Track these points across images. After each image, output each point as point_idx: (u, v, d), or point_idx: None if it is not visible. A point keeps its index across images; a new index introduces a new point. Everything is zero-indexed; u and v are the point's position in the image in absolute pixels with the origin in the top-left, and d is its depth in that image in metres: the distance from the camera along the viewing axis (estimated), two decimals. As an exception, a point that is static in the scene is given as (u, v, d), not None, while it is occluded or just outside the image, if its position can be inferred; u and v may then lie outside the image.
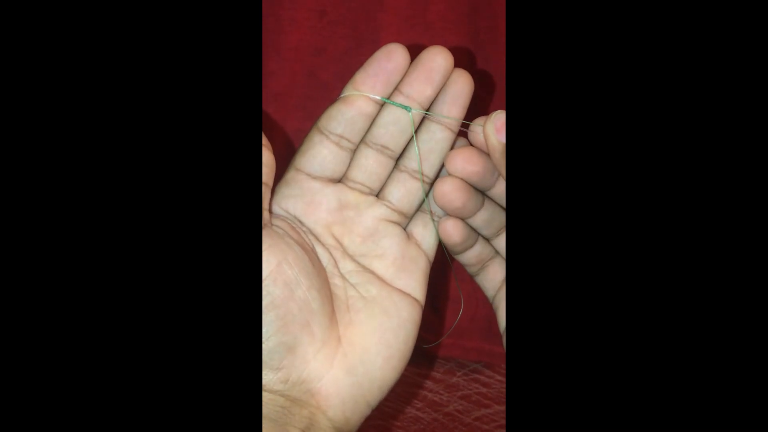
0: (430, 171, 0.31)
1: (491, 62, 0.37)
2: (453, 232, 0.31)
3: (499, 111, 0.29)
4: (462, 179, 0.30)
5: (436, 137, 0.31)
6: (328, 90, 0.37)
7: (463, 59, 0.37)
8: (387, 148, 0.31)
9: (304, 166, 0.30)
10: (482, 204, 0.32)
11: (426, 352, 0.40)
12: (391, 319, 0.30)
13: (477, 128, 0.30)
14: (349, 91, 0.30)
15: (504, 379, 0.40)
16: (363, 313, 0.30)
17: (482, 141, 0.30)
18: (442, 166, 0.32)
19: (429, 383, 0.41)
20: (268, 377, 0.27)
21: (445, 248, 0.33)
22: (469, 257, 0.33)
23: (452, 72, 0.30)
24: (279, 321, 0.27)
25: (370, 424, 0.41)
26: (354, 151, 0.31)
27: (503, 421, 0.41)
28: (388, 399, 0.40)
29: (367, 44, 0.37)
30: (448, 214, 0.32)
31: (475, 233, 0.32)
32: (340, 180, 0.31)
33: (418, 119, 0.31)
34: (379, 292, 0.30)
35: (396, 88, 0.30)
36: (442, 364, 0.40)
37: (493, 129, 0.29)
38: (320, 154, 0.30)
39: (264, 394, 0.27)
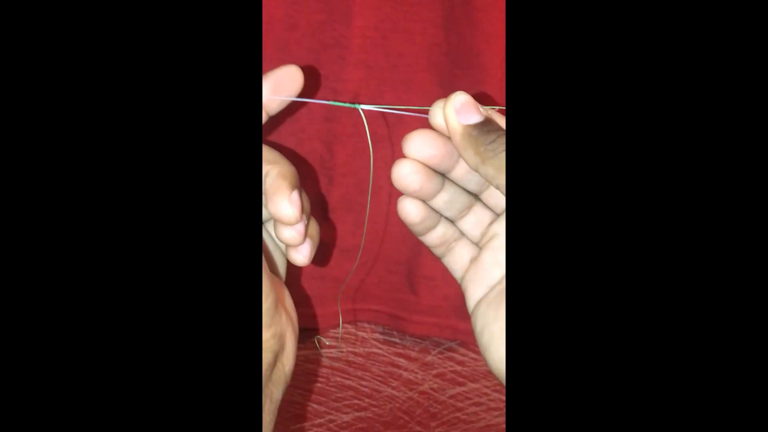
0: None
1: (465, 38, 0.37)
2: (410, 210, 0.31)
3: (458, 93, 0.29)
4: (420, 161, 0.30)
5: None
6: (300, 64, 0.36)
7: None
8: None
9: None
10: (442, 186, 0.32)
11: (400, 330, 0.40)
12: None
13: (437, 110, 0.29)
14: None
15: (478, 357, 0.40)
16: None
17: (442, 124, 0.30)
18: None
19: (404, 362, 0.41)
20: (266, 336, 0.28)
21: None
22: (432, 238, 0.33)
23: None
24: (270, 282, 0.28)
25: (345, 404, 0.41)
26: None
27: (478, 399, 0.41)
28: (363, 378, 0.42)
29: (339, 18, 0.36)
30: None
31: (436, 214, 0.32)
32: None
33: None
34: None
35: None
36: (416, 343, 0.41)
37: (453, 111, 0.28)
38: None
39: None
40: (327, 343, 0.41)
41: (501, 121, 0.29)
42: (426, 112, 0.30)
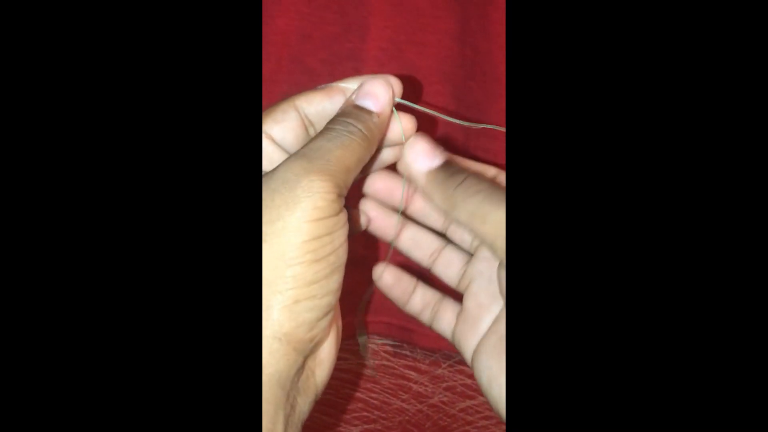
0: None
1: (480, 51, 0.37)
2: (384, 275, 0.32)
3: (416, 137, 0.29)
4: (375, 198, 0.31)
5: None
6: (315, 76, 0.36)
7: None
8: None
9: (273, 132, 0.29)
10: (403, 225, 0.32)
11: (411, 343, 0.40)
12: None
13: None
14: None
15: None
16: None
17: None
18: None
19: (414, 375, 0.40)
20: (305, 335, 0.26)
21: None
22: (415, 304, 0.33)
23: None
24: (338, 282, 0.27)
25: (354, 416, 0.41)
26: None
27: (488, 413, 0.41)
28: (373, 390, 0.41)
29: (354, 30, 0.37)
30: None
31: (410, 278, 0.33)
32: None
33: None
34: None
35: None
36: (427, 356, 0.40)
37: (412, 156, 0.29)
38: (293, 129, 0.29)
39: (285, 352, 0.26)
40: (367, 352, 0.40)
41: (463, 162, 0.29)
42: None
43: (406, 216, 0.33)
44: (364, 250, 0.39)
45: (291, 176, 0.25)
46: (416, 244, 0.33)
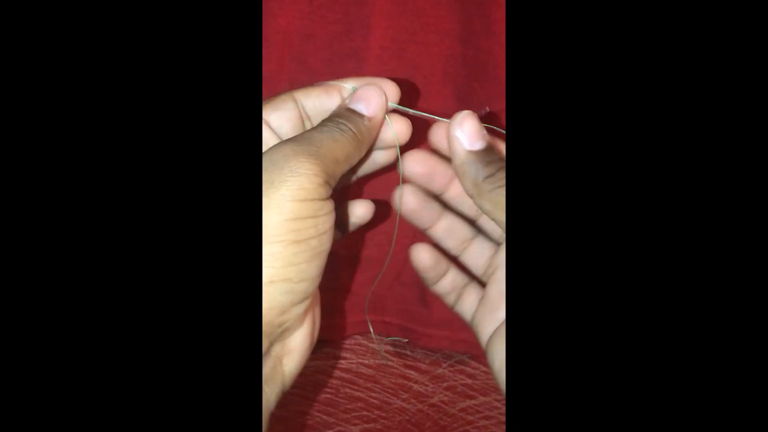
0: None
1: (483, 51, 0.37)
2: (422, 257, 0.32)
3: (466, 113, 0.29)
4: (415, 184, 0.31)
5: None
6: (317, 76, 0.36)
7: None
8: None
9: (271, 118, 0.30)
10: (440, 214, 0.32)
11: (412, 343, 0.40)
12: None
13: (438, 129, 0.30)
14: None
15: (489, 370, 0.39)
16: None
17: (441, 142, 0.30)
18: None
19: (414, 374, 0.40)
20: (267, 318, 0.26)
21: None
22: (443, 286, 0.33)
23: None
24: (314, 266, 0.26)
25: (354, 416, 0.41)
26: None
27: (488, 412, 0.41)
28: (373, 390, 0.41)
29: (356, 30, 0.36)
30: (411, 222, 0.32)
31: (445, 261, 0.33)
32: None
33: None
34: None
35: None
36: (427, 356, 0.40)
37: (459, 133, 0.29)
38: (290, 119, 0.30)
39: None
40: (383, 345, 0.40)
41: (503, 150, 0.29)
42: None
43: (442, 202, 0.33)
44: (367, 251, 0.39)
45: (279, 157, 0.25)
46: (450, 233, 0.33)
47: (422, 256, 0.32)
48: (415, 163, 0.31)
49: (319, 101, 0.30)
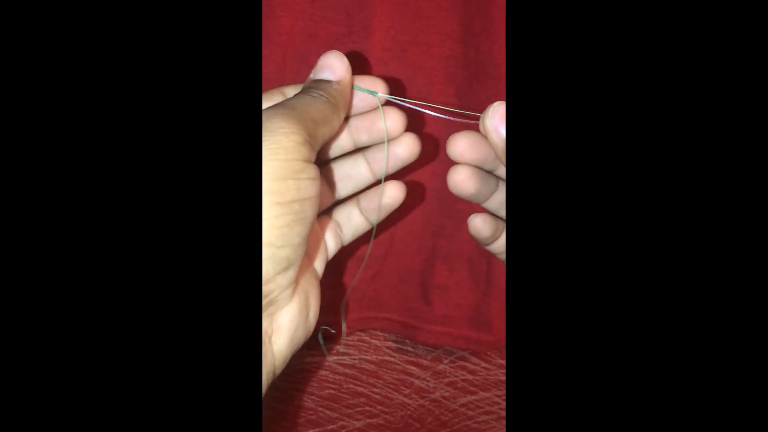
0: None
1: (483, 52, 0.37)
2: (482, 227, 0.32)
3: (498, 104, 0.29)
4: (472, 165, 0.31)
5: None
6: None
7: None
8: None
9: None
10: (496, 187, 0.32)
11: (413, 339, 0.40)
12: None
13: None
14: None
15: (489, 366, 0.40)
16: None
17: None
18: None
19: (416, 370, 0.41)
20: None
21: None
22: (499, 245, 0.33)
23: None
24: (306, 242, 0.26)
25: (357, 411, 0.41)
26: None
27: (489, 408, 0.41)
28: (375, 386, 0.41)
29: (358, 31, 0.37)
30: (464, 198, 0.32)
31: (501, 223, 0.33)
32: None
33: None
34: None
35: None
36: (429, 352, 0.40)
37: (491, 123, 0.28)
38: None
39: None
40: (324, 336, 0.40)
41: None
42: (451, 113, 0.31)
43: (498, 177, 0.33)
44: (366, 246, 0.38)
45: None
46: (503, 204, 0.33)
47: (481, 227, 0.32)
48: (467, 147, 0.30)
49: None
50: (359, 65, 0.37)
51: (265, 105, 0.29)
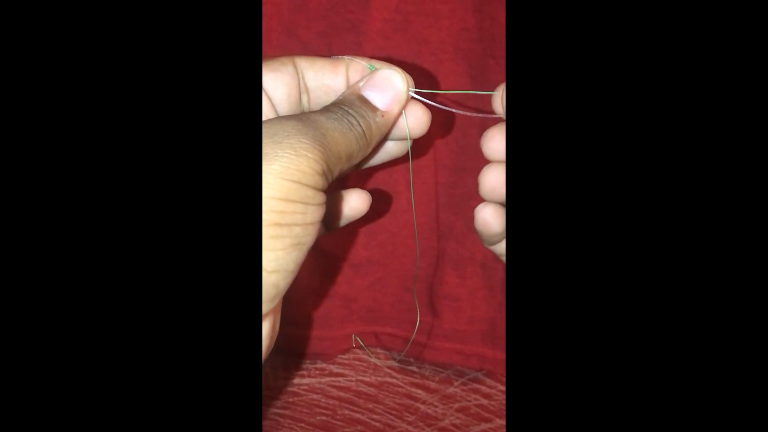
0: None
1: (499, 22, 0.34)
2: (492, 221, 0.30)
3: None
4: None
5: None
6: (309, 51, 0.34)
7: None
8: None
9: (266, 79, 0.29)
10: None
11: (418, 357, 0.38)
12: None
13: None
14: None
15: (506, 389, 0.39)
16: None
17: (500, 110, 0.29)
18: None
19: (422, 394, 0.38)
20: None
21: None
22: (503, 246, 0.32)
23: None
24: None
25: (354, 440, 0.39)
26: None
27: (506, 437, 0.38)
28: (375, 411, 0.40)
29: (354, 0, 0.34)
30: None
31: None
32: None
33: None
34: None
35: None
36: (437, 372, 0.38)
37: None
38: (286, 84, 0.29)
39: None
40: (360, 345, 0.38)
41: None
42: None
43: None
44: (367, 252, 0.37)
45: (280, 131, 0.25)
46: None
47: (491, 221, 0.30)
48: (494, 137, 0.29)
49: (322, 74, 0.29)
50: (356, 40, 0.34)
51: (271, 74, 0.29)
